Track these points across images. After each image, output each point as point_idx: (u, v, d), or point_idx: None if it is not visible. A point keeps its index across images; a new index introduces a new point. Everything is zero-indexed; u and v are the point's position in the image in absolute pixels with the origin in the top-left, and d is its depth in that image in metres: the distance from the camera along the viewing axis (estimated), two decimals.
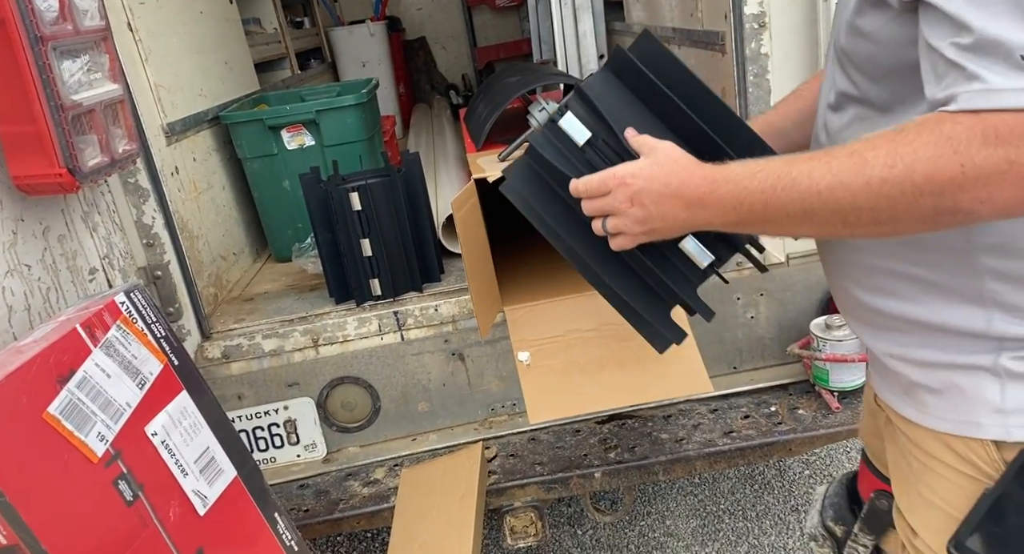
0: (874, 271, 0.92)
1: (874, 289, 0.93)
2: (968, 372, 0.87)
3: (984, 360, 0.86)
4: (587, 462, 1.85)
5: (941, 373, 0.90)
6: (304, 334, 2.00)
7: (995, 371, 0.86)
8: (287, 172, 2.47)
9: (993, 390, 0.86)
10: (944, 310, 0.87)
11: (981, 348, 0.86)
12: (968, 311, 0.85)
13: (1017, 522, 0.87)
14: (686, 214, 0.90)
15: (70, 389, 1.19)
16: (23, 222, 1.45)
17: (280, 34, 4.10)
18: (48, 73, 1.32)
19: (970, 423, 0.88)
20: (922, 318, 0.89)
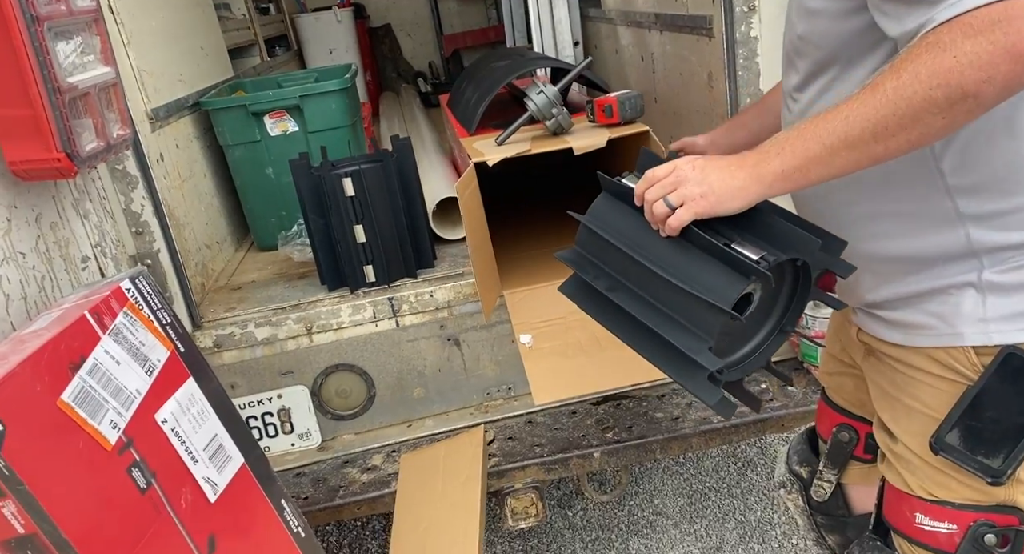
0: (863, 218, 1.03)
1: (868, 236, 1.03)
2: (954, 291, 0.99)
3: (969, 277, 0.97)
4: (586, 442, 1.88)
5: (932, 298, 1.01)
6: (298, 322, 1.98)
7: (978, 286, 0.97)
8: (270, 159, 2.43)
9: (976, 303, 0.97)
10: (927, 235, 0.98)
11: (965, 267, 0.97)
12: (947, 231, 0.96)
13: (992, 415, 0.99)
14: (740, 172, 0.96)
15: (82, 376, 1.17)
16: (16, 209, 1.41)
17: (249, 20, 4.02)
18: (44, 54, 1.28)
19: (955, 334, 0.99)
20: (911, 250, 1.00)
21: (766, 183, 0.94)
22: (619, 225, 1.10)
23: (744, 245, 1.01)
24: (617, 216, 1.11)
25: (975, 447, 1.01)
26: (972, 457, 1.00)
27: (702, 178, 0.98)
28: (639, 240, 1.06)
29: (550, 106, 1.74)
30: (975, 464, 1.00)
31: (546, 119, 1.75)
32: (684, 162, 1.00)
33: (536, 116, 1.76)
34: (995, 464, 0.99)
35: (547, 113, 1.74)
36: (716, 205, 0.97)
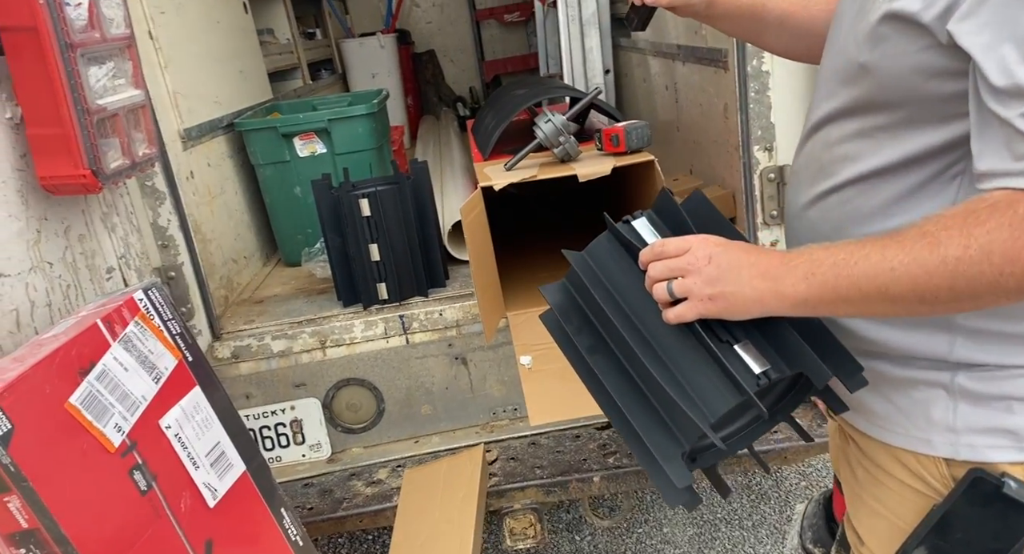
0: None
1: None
2: (923, 388, 0.89)
3: (941, 377, 0.88)
4: (586, 466, 1.89)
5: (895, 388, 0.92)
6: (312, 336, 2.05)
7: (950, 389, 0.87)
8: (298, 179, 2.53)
9: (946, 408, 0.88)
10: (915, 331, 0.88)
11: (940, 367, 0.88)
12: (936, 337, 0.87)
13: (962, 537, 0.89)
14: (760, 283, 0.84)
15: (90, 381, 1.24)
16: (47, 221, 1.50)
17: (293, 45, 4.18)
18: (76, 78, 1.38)
19: (921, 440, 0.90)
20: (891, 339, 0.90)
21: (787, 304, 0.83)
22: (617, 279, 0.97)
23: (749, 349, 0.90)
24: (616, 267, 0.98)
25: None
26: None
27: (716, 277, 0.86)
28: (635, 305, 0.94)
29: (557, 134, 1.78)
30: None
31: (553, 146, 1.80)
32: (700, 246, 0.88)
33: (544, 143, 1.80)
34: None
35: (554, 141, 1.79)
36: (724, 312, 0.87)
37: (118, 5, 1.55)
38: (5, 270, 1.36)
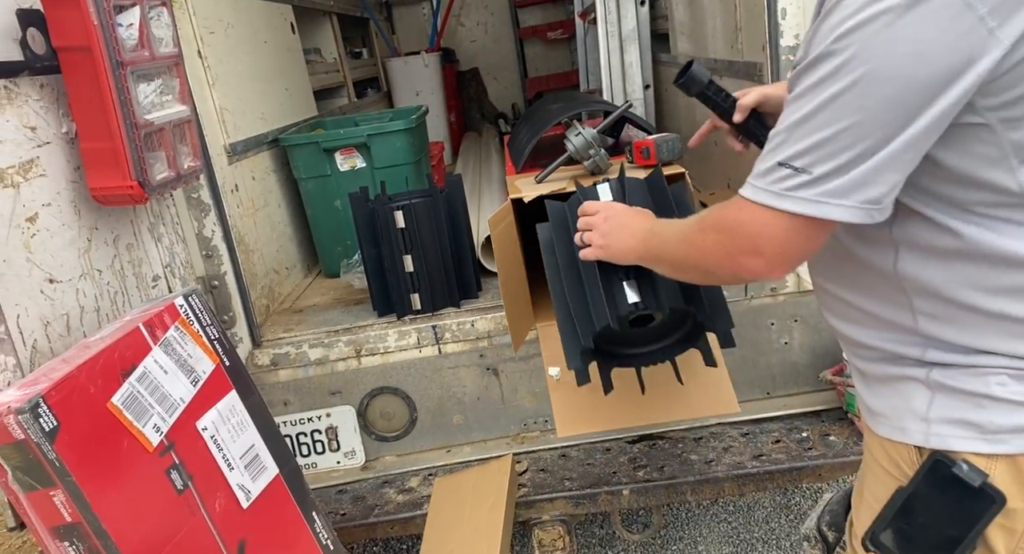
0: (842, 303, 1.04)
1: (844, 320, 1.05)
2: (900, 383, 0.98)
3: (918, 373, 0.97)
4: (616, 479, 1.88)
5: (884, 384, 1.01)
6: (348, 344, 2.09)
7: (928, 384, 0.95)
8: (339, 192, 2.59)
9: (922, 400, 0.96)
10: (890, 334, 0.99)
11: (916, 365, 0.97)
12: (909, 340, 0.97)
13: (923, 520, 0.95)
14: (628, 241, 1.25)
15: (131, 382, 1.30)
16: (97, 230, 1.58)
17: (339, 64, 4.29)
18: (125, 94, 1.45)
19: (899, 428, 0.98)
20: (874, 342, 1.01)
21: (638, 257, 1.23)
22: (572, 226, 1.45)
23: (632, 285, 1.35)
24: (573, 218, 1.46)
25: (908, 552, 0.97)
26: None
27: (607, 231, 1.28)
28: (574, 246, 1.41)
29: (587, 147, 1.80)
30: None
31: (584, 159, 1.81)
32: (605, 209, 1.30)
33: (574, 156, 1.82)
34: None
35: (584, 154, 1.80)
36: (610, 257, 1.29)
37: (167, 25, 1.63)
38: (58, 276, 1.44)
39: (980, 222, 0.86)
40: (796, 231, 0.88)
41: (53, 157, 1.47)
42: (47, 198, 1.44)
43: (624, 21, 3.68)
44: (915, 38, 0.77)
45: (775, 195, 0.87)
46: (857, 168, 0.82)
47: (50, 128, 1.47)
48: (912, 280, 0.93)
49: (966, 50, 0.77)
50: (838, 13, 0.81)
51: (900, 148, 0.81)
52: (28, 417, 1.11)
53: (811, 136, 0.83)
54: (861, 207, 0.84)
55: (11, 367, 1.27)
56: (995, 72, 0.78)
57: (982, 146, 0.82)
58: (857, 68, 0.79)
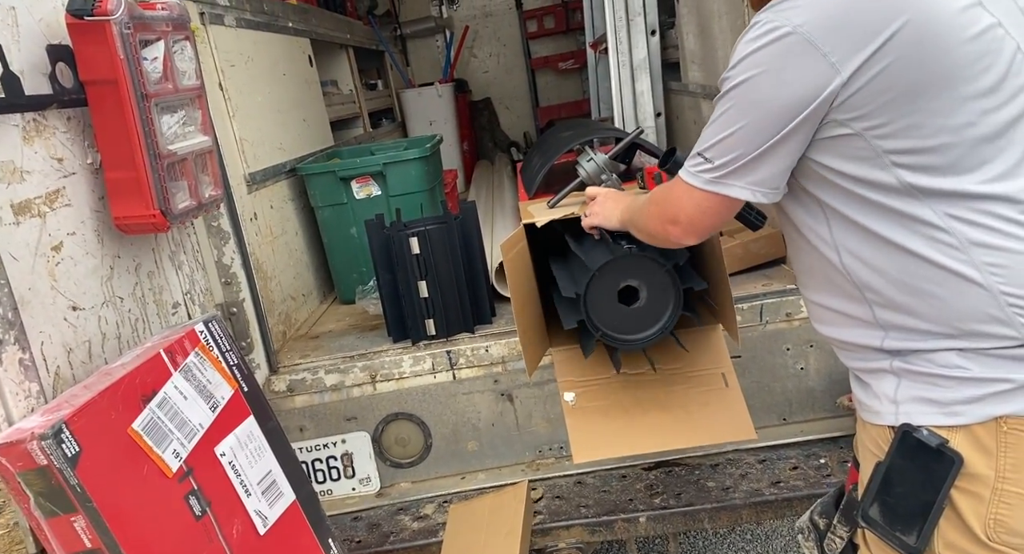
0: (815, 305, 1.25)
1: (818, 319, 1.25)
2: (876, 374, 1.14)
3: (883, 364, 1.13)
4: (632, 507, 1.87)
5: (864, 376, 1.17)
6: (363, 370, 2.11)
7: (893, 371, 1.11)
8: (355, 220, 2.63)
9: (891, 385, 1.11)
10: (854, 332, 1.16)
11: (882, 356, 1.13)
12: (870, 333, 1.13)
13: (900, 490, 1.08)
14: (615, 214, 1.55)
15: (152, 408, 1.32)
16: (119, 258, 1.61)
17: (355, 95, 4.37)
18: (150, 126, 1.49)
19: (875, 413, 1.14)
20: (843, 338, 1.19)
21: (620, 222, 1.54)
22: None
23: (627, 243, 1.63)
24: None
25: (893, 522, 1.09)
26: (891, 532, 1.09)
27: (599, 210, 1.62)
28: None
29: (599, 172, 1.82)
30: (895, 540, 1.08)
31: (596, 184, 1.83)
32: (601, 193, 1.66)
33: (586, 181, 1.84)
34: (910, 541, 1.06)
35: (596, 179, 1.82)
36: (600, 223, 1.62)
37: (190, 59, 1.68)
38: (81, 304, 1.46)
39: (881, 216, 1.06)
40: (703, 207, 1.17)
41: (78, 187, 1.51)
42: (72, 227, 1.47)
43: (635, 51, 3.74)
44: (775, 69, 1.04)
45: (691, 175, 1.16)
46: (743, 160, 1.09)
47: (75, 159, 1.51)
48: (856, 273, 1.11)
49: (813, 78, 1.02)
50: (737, 48, 1.09)
51: (772, 150, 1.07)
52: (51, 443, 1.13)
53: (716, 136, 1.12)
54: (748, 187, 1.11)
55: (35, 393, 1.29)
56: (843, 95, 1.01)
57: (860, 152, 1.04)
58: (740, 91, 1.07)
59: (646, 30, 3.76)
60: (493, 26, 6.77)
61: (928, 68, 0.99)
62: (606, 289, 1.68)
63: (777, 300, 2.00)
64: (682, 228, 1.22)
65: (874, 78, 1.00)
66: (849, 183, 1.07)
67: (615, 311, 1.69)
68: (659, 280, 1.67)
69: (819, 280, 1.20)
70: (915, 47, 0.99)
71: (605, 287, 1.68)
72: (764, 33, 1.04)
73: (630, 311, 1.70)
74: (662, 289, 1.68)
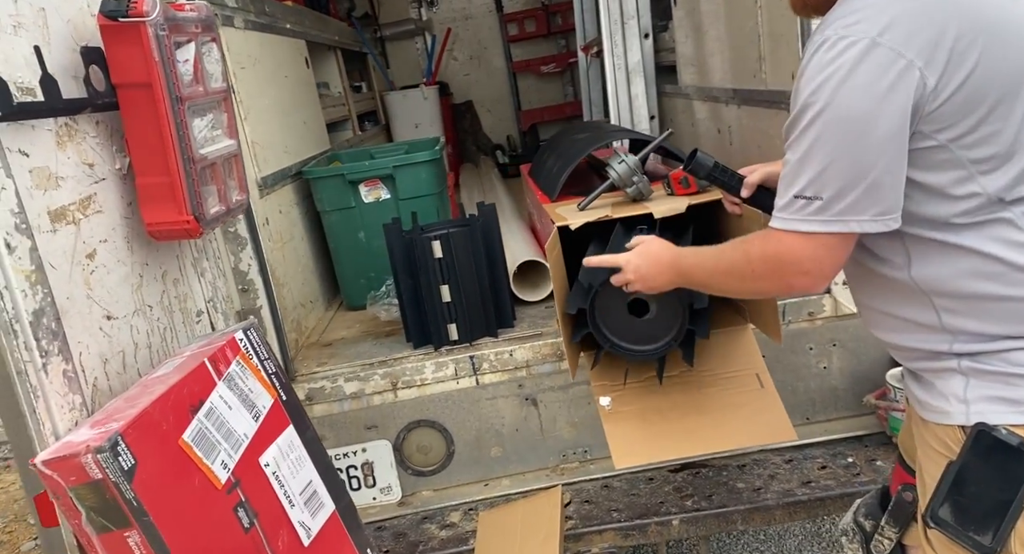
0: (876, 312, 1.22)
1: (879, 326, 1.23)
2: (943, 374, 1.12)
3: (951, 364, 1.11)
4: (664, 509, 1.87)
5: (928, 376, 1.16)
6: (384, 377, 2.08)
7: (961, 371, 1.10)
8: (363, 224, 2.59)
9: (959, 385, 1.10)
10: (919, 337, 1.14)
11: (949, 358, 1.12)
12: (937, 338, 1.12)
13: (975, 490, 1.07)
14: (661, 281, 1.43)
15: (200, 418, 1.28)
16: (147, 266, 1.56)
17: (344, 97, 4.32)
18: (184, 130, 1.45)
19: (944, 413, 1.12)
20: (906, 344, 1.17)
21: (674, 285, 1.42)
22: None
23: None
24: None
25: (966, 523, 1.07)
26: (964, 533, 1.07)
27: (646, 282, 1.46)
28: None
29: (631, 174, 1.82)
30: (968, 540, 1.07)
31: (627, 187, 1.83)
32: (638, 266, 1.46)
33: (617, 184, 1.84)
34: (985, 541, 1.04)
35: (628, 181, 1.82)
36: (646, 290, 1.48)
37: (217, 61, 1.64)
38: (115, 313, 1.42)
39: (961, 227, 1.05)
40: (828, 248, 1.08)
41: (108, 193, 1.46)
42: (104, 234, 1.42)
43: (630, 54, 3.76)
44: (863, 85, 0.99)
45: (801, 221, 1.07)
46: (855, 189, 1.02)
47: (105, 164, 1.47)
48: (927, 283, 1.09)
49: (905, 87, 0.98)
50: (808, 72, 1.04)
51: (882, 168, 1.02)
52: (107, 456, 1.09)
53: (811, 171, 1.04)
54: (875, 219, 1.04)
55: (78, 405, 1.25)
56: (931, 104, 0.99)
57: (944, 164, 1.02)
58: (828, 114, 1.01)
59: (640, 33, 3.78)
60: (473, 29, 6.76)
61: (1008, 73, 1.00)
62: (614, 302, 1.69)
63: (799, 300, 2.02)
64: (812, 278, 1.12)
65: (960, 86, 0.99)
66: (928, 194, 1.05)
67: (626, 322, 1.70)
68: (667, 298, 1.65)
69: (879, 288, 1.18)
70: (992, 53, 0.99)
71: (613, 300, 1.68)
72: (843, 50, 1.00)
73: (642, 322, 1.71)
74: (669, 303, 1.68)
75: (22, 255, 1.17)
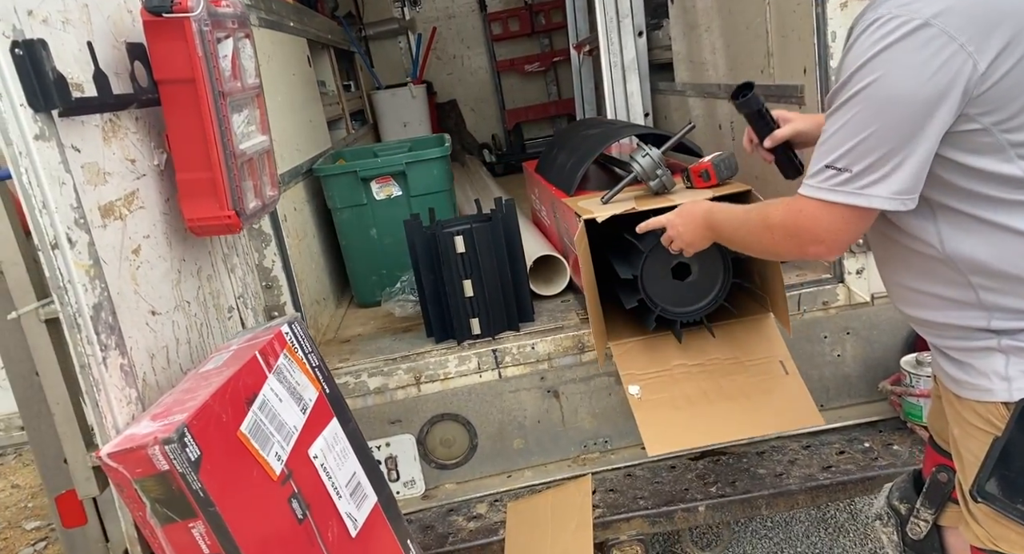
0: (910, 291, 1.24)
1: (913, 304, 1.25)
2: (981, 353, 1.15)
3: (990, 342, 1.14)
4: (689, 496, 1.91)
5: (965, 355, 1.18)
6: (408, 372, 2.09)
7: (1001, 349, 1.13)
8: (375, 221, 2.60)
9: (1000, 362, 1.13)
10: (954, 314, 1.17)
11: (987, 336, 1.15)
12: (973, 314, 1.15)
13: (1021, 464, 1.10)
14: (701, 242, 1.53)
15: (254, 410, 1.29)
16: (184, 262, 1.57)
17: (338, 96, 4.31)
18: (226, 125, 1.46)
19: (986, 390, 1.14)
20: (944, 321, 1.19)
21: (711, 242, 1.52)
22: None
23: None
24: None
25: (1014, 496, 1.10)
26: (1012, 505, 1.10)
27: (684, 239, 1.56)
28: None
29: (655, 167, 1.86)
30: (1016, 512, 1.10)
31: (650, 180, 1.87)
32: (676, 223, 1.57)
33: (640, 177, 1.87)
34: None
35: (652, 174, 1.86)
36: (689, 249, 1.58)
37: (251, 57, 1.65)
38: (159, 308, 1.42)
39: (998, 207, 1.07)
40: (846, 220, 1.11)
41: (149, 189, 1.46)
42: (146, 230, 1.43)
43: (625, 51, 3.81)
44: (912, 64, 1.01)
45: (827, 191, 1.11)
46: (885, 166, 1.05)
47: (145, 160, 1.47)
48: (962, 259, 1.12)
49: (954, 71, 1.00)
50: (857, 48, 1.06)
51: (913, 148, 1.04)
52: (175, 447, 1.10)
53: (846, 143, 1.07)
54: (894, 197, 1.07)
55: (133, 399, 1.25)
56: (980, 88, 1.01)
57: (985, 147, 1.04)
58: (873, 90, 1.04)
59: (634, 31, 3.84)
60: (456, 28, 6.77)
61: None
62: (660, 268, 1.83)
63: (814, 289, 2.08)
64: (827, 246, 1.16)
65: (1010, 71, 1.00)
66: (967, 175, 1.07)
67: (671, 287, 1.85)
68: (708, 254, 1.77)
69: (912, 265, 1.20)
70: None
71: (659, 266, 1.83)
72: (894, 28, 1.02)
73: (685, 285, 1.86)
74: (711, 261, 1.84)
75: (82, 250, 1.18)
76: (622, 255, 1.90)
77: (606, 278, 1.92)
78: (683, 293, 1.84)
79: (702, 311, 1.84)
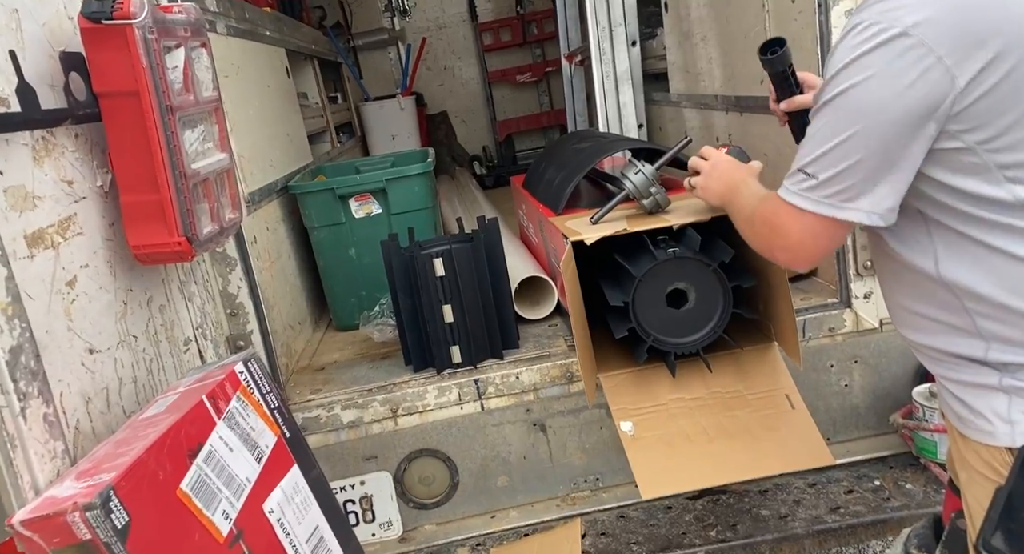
0: (907, 311, 1.15)
1: (910, 326, 1.16)
2: (981, 391, 1.06)
3: (991, 380, 1.05)
4: (687, 541, 1.77)
5: (965, 390, 1.08)
6: (383, 404, 1.95)
7: (1003, 388, 1.03)
8: (354, 240, 2.47)
9: (1002, 404, 1.03)
10: (954, 338, 1.08)
11: (987, 372, 1.05)
12: (969, 342, 1.06)
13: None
14: (715, 199, 1.52)
15: (199, 464, 1.14)
16: (131, 292, 1.43)
17: (322, 108, 4.18)
18: (174, 142, 1.32)
19: (987, 432, 1.05)
20: (941, 347, 1.10)
21: (720, 203, 1.50)
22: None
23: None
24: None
25: (1021, 551, 1.01)
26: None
27: (706, 184, 1.55)
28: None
29: (648, 185, 1.73)
30: None
31: (643, 198, 1.74)
32: (714, 157, 1.55)
33: (633, 195, 1.74)
34: None
35: (645, 192, 1.73)
36: (700, 197, 1.58)
37: (207, 68, 1.51)
38: (97, 345, 1.28)
39: (994, 228, 0.99)
40: (812, 231, 1.07)
41: (89, 213, 1.32)
42: (85, 259, 1.29)
43: (618, 61, 3.69)
44: (886, 74, 0.96)
45: (795, 194, 1.07)
46: (852, 177, 1.00)
47: (85, 181, 1.33)
48: (956, 284, 1.04)
49: (930, 86, 0.94)
50: (838, 52, 1.01)
51: (885, 162, 0.99)
52: (98, 513, 0.95)
53: (818, 149, 1.03)
54: (864, 211, 1.02)
55: (59, 453, 1.11)
56: (959, 105, 0.95)
57: (971, 166, 0.98)
58: (843, 99, 1.00)
59: (627, 41, 3.72)
60: (447, 38, 6.67)
61: None
62: (654, 294, 1.67)
63: (819, 315, 1.95)
64: (792, 255, 1.15)
65: (994, 88, 0.93)
66: (956, 197, 1.01)
67: (665, 315, 1.69)
68: (707, 280, 1.67)
69: (908, 286, 1.13)
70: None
71: (653, 292, 1.67)
72: (872, 35, 0.96)
73: (681, 313, 1.70)
74: (711, 288, 1.68)
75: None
76: (613, 279, 1.77)
77: (596, 303, 1.79)
78: (679, 322, 1.68)
79: (699, 343, 1.68)
